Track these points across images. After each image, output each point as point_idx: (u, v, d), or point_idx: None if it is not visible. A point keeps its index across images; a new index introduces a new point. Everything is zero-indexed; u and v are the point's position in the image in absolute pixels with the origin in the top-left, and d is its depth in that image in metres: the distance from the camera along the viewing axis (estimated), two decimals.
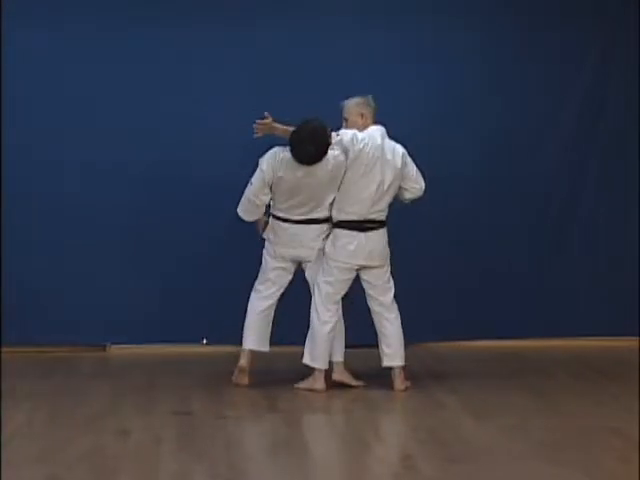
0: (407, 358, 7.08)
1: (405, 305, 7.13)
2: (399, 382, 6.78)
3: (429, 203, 7.29)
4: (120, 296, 7.78)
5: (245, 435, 5.98)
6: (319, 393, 6.74)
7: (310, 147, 6.51)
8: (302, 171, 6.57)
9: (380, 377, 7.04)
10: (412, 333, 7.20)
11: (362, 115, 6.77)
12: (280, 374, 7.23)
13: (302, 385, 6.80)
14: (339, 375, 6.80)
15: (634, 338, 8.29)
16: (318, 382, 6.76)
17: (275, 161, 6.61)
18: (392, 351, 6.81)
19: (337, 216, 6.72)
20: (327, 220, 6.76)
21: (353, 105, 6.81)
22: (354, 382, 6.81)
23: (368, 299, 6.84)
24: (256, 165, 6.74)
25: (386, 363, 6.83)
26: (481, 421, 6.18)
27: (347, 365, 6.96)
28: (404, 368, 6.86)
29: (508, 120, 8.15)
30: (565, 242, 8.32)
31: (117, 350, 7.90)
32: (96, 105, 7.93)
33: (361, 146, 6.60)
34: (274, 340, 7.02)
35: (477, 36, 8.15)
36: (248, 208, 6.75)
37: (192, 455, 5.43)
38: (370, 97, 6.82)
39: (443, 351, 7.84)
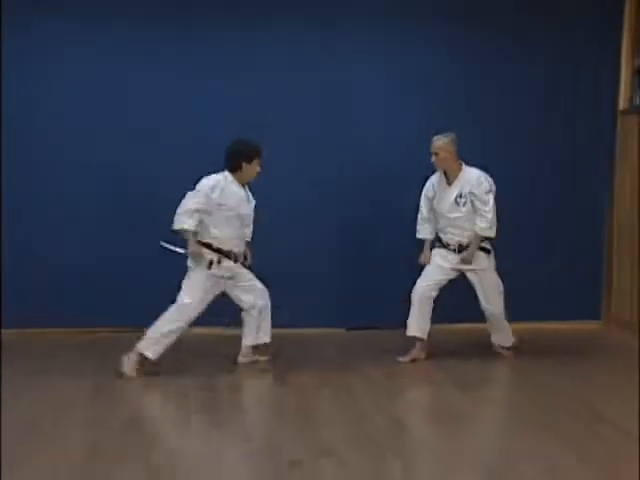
0: (402, 340, 7.24)
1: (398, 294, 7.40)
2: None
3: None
4: (154, 281, 7.68)
5: (261, 404, 6.20)
6: (326, 371, 6.86)
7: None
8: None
9: (381, 356, 7.27)
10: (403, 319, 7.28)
11: (450, 152, 7.07)
12: (288, 355, 7.33)
13: (407, 357, 7.17)
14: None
15: (596, 321, 8.52)
16: (422, 352, 7.20)
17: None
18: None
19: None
20: None
21: (447, 144, 7.05)
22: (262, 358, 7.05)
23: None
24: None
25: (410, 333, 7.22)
26: (466, 393, 6.36)
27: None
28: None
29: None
30: (530, 233, 8.22)
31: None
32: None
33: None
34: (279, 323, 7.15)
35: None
36: None
37: (216, 420, 5.71)
38: (454, 135, 7.07)
39: (432, 333, 7.41)
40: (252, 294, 6.90)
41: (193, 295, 6.64)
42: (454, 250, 7.18)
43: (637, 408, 5.79)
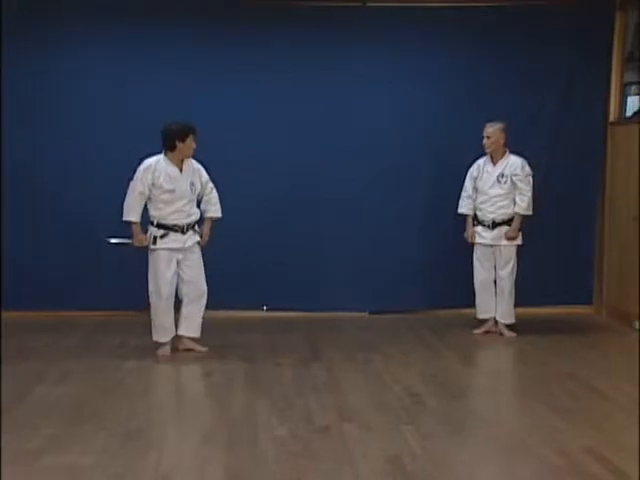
0: (415, 323, 7.50)
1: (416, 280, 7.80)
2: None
3: None
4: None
5: (295, 377, 6.16)
6: (347, 349, 6.92)
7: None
8: None
9: (397, 335, 7.39)
10: (420, 302, 7.71)
11: (500, 137, 7.36)
12: (320, 335, 7.42)
13: (481, 330, 7.46)
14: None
15: (588, 306, 8.44)
16: (492, 325, 7.47)
17: None
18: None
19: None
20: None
21: (498, 130, 7.37)
22: (199, 348, 6.87)
23: None
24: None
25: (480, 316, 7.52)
26: (472, 367, 6.56)
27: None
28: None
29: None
30: (530, 229, 7.54)
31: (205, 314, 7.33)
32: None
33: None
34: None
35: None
36: None
37: (256, 392, 5.80)
38: (504, 124, 7.34)
39: (444, 316, 7.89)
40: (186, 286, 6.70)
41: (155, 282, 6.61)
42: (488, 226, 7.40)
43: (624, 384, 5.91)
